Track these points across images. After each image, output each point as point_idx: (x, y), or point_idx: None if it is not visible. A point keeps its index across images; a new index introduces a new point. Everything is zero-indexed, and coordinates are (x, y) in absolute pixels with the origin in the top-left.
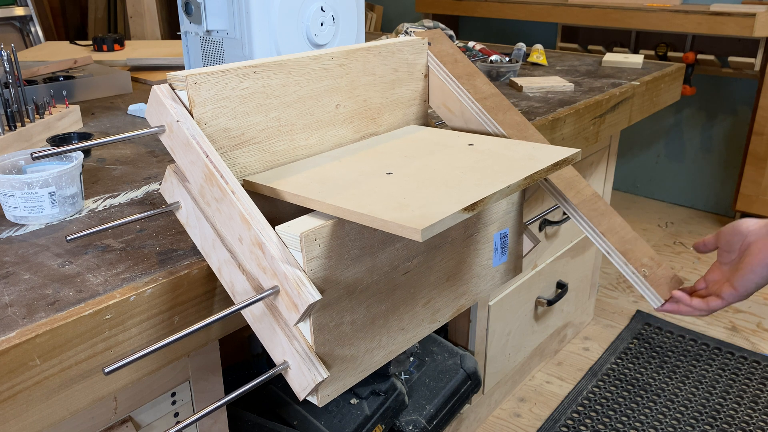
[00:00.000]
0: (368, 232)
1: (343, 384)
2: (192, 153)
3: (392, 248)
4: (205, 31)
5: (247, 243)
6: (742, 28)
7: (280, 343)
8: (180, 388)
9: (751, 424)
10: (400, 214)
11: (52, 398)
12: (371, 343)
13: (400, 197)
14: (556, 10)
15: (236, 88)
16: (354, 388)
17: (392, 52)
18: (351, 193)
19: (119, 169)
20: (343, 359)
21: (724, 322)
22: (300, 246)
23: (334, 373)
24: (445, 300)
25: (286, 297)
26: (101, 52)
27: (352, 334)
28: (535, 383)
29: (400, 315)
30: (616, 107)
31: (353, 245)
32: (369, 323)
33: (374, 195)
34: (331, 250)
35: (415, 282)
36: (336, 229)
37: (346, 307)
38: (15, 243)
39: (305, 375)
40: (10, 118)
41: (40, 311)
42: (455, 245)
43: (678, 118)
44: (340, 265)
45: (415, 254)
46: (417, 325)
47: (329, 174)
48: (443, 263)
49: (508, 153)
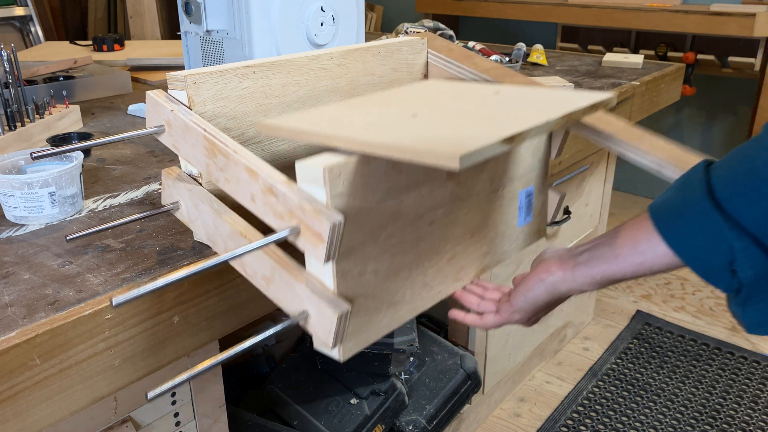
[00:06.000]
0: (394, 173)
1: (366, 338)
2: (191, 135)
3: (418, 194)
4: (205, 31)
5: (260, 196)
6: (742, 28)
7: (298, 295)
8: (180, 388)
9: (751, 424)
10: (434, 145)
11: (52, 398)
12: (394, 297)
13: (431, 133)
14: (556, 10)
15: (236, 88)
16: (354, 388)
17: (392, 52)
18: (375, 130)
19: (119, 169)
20: (366, 311)
21: (724, 322)
22: (323, 180)
23: (356, 326)
24: (470, 258)
25: (307, 232)
26: (101, 52)
27: (375, 284)
28: (535, 383)
29: (425, 269)
30: (616, 107)
31: (378, 186)
32: (393, 274)
33: (401, 133)
34: (355, 189)
35: (439, 235)
36: (361, 166)
37: (370, 255)
38: (15, 243)
39: (327, 314)
40: (10, 118)
41: (40, 311)
42: (480, 199)
43: (678, 118)
44: (364, 207)
45: (440, 204)
46: (441, 281)
47: (349, 118)
48: (468, 217)
49: (538, 97)
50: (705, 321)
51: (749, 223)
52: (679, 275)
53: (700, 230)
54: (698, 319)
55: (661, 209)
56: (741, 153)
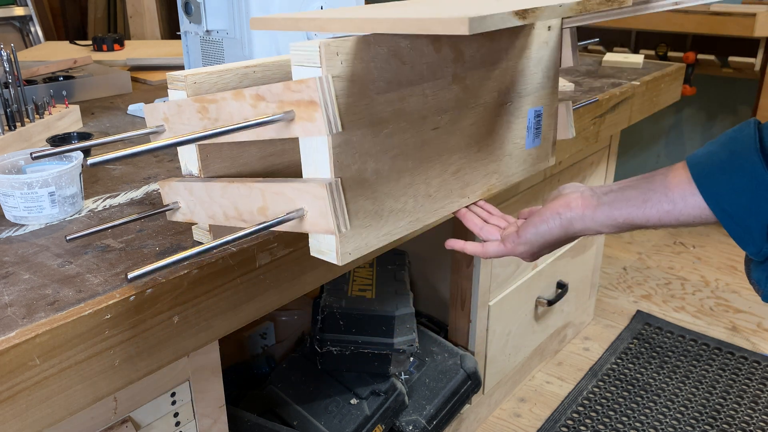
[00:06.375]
0: (396, 62)
1: (365, 243)
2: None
3: (421, 93)
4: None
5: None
6: (742, 28)
7: (292, 198)
8: (180, 389)
9: (751, 425)
10: (441, 15)
11: (52, 398)
12: (396, 203)
13: (437, 11)
14: None
15: (236, 88)
16: (354, 388)
17: None
18: (377, 13)
19: (119, 169)
20: (365, 213)
21: (724, 322)
22: (320, 59)
23: (355, 228)
24: (476, 174)
25: (301, 108)
26: (101, 52)
27: (375, 185)
28: (536, 383)
29: (429, 179)
30: (616, 107)
31: (379, 75)
32: (395, 178)
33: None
34: (354, 73)
35: (444, 143)
36: (361, 48)
37: (370, 152)
38: (15, 243)
39: (324, 207)
40: (10, 118)
41: (40, 311)
42: (488, 110)
43: (678, 118)
44: (364, 97)
45: (445, 108)
46: (445, 195)
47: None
48: (474, 128)
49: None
50: (705, 321)
51: None
52: (679, 275)
53: (744, 188)
54: (698, 319)
55: (702, 162)
56: None
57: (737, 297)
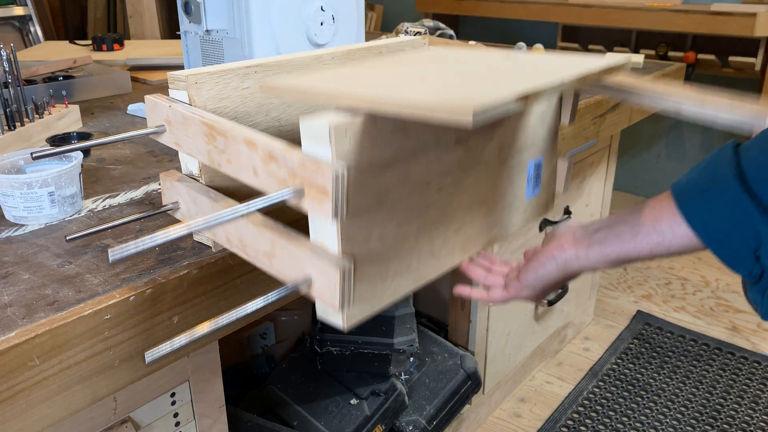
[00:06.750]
0: (402, 135)
1: (370, 306)
2: (190, 126)
3: (426, 159)
4: (205, 30)
5: (261, 167)
6: (742, 28)
7: (300, 263)
8: (180, 389)
9: (751, 425)
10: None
11: (52, 398)
12: (400, 265)
13: (441, 92)
14: (556, 9)
15: (237, 87)
16: (354, 388)
17: (393, 52)
18: (384, 90)
19: (119, 169)
20: (371, 278)
21: (724, 322)
22: (329, 138)
23: (360, 293)
24: (477, 229)
25: (311, 189)
26: (101, 51)
27: (381, 251)
28: (536, 383)
29: (432, 238)
30: (617, 107)
31: (386, 148)
32: (399, 242)
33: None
34: (361, 149)
35: (447, 203)
36: (368, 126)
37: (376, 220)
38: (14, 243)
39: (331, 275)
40: (10, 118)
41: (40, 311)
42: (489, 167)
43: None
44: (371, 170)
45: (448, 171)
46: (448, 252)
47: (356, 79)
48: (477, 186)
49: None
50: (705, 321)
51: None
52: (679, 275)
53: (726, 213)
54: (698, 319)
55: (685, 189)
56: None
57: (737, 297)
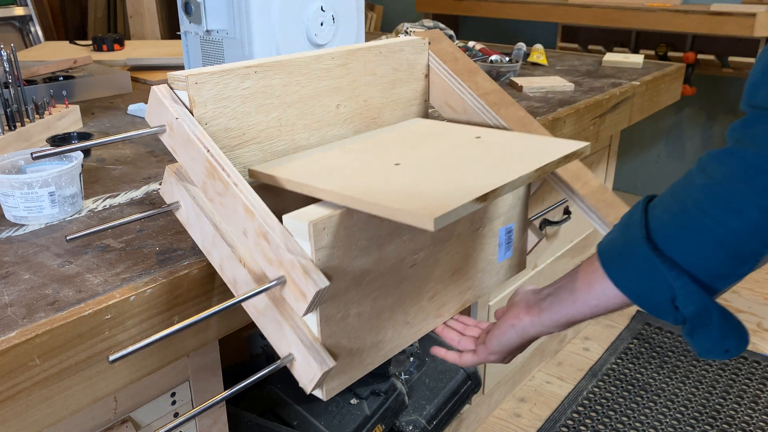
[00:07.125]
0: (376, 222)
1: (349, 378)
2: (193, 149)
3: (399, 240)
4: (205, 31)
5: (252, 235)
6: (742, 28)
7: (285, 335)
8: (180, 388)
9: (751, 425)
10: (412, 204)
11: (52, 398)
12: (377, 336)
13: (411, 187)
14: (556, 9)
15: (237, 88)
16: (354, 388)
17: (393, 52)
18: (359, 182)
19: (119, 169)
20: (349, 352)
21: None
22: (308, 235)
23: (340, 367)
24: (451, 294)
25: (293, 286)
26: (101, 51)
27: (358, 326)
28: (536, 383)
29: (406, 309)
30: (617, 107)
31: (361, 236)
32: (375, 316)
33: (383, 184)
34: (339, 240)
35: (421, 275)
36: (344, 219)
37: (353, 299)
38: (15, 243)
39: (311, 366)
40: (10, 118)
41: (40, 311)
42: (461, 239)
43: (678, 118)
44: (348, 256)
45: (422, 247)
46: (422, 319)
47: (335, 163)
48: (449, 257)
49: (516, 145)
50: None
51: (685, 263)
52: None
53: (641, 272)
54: None
55: (607, 250)
56: (675, 191)
57: (737, 297)
